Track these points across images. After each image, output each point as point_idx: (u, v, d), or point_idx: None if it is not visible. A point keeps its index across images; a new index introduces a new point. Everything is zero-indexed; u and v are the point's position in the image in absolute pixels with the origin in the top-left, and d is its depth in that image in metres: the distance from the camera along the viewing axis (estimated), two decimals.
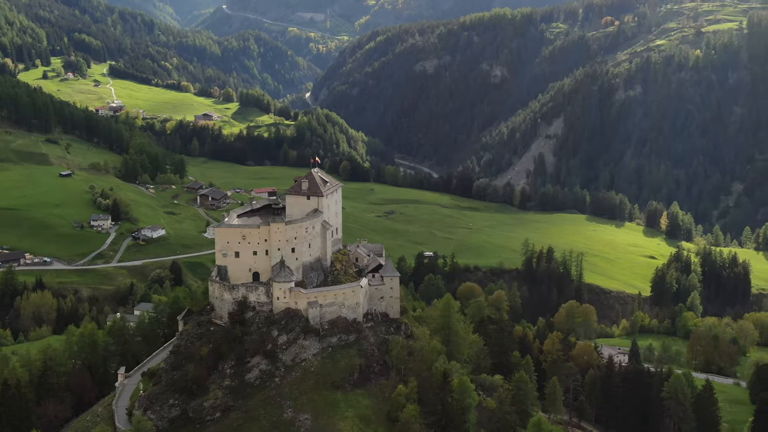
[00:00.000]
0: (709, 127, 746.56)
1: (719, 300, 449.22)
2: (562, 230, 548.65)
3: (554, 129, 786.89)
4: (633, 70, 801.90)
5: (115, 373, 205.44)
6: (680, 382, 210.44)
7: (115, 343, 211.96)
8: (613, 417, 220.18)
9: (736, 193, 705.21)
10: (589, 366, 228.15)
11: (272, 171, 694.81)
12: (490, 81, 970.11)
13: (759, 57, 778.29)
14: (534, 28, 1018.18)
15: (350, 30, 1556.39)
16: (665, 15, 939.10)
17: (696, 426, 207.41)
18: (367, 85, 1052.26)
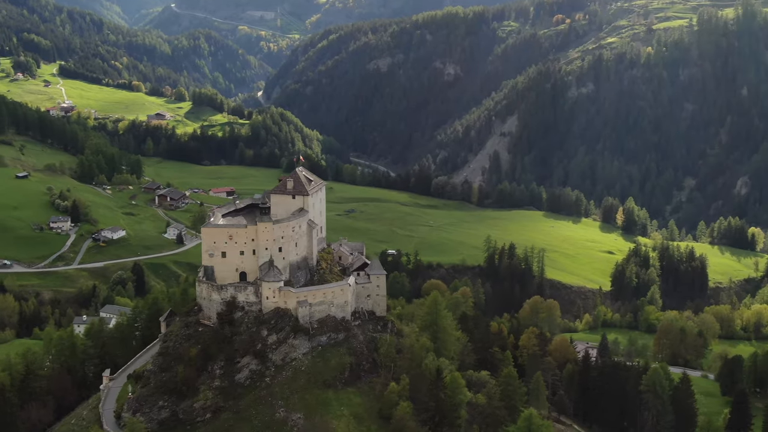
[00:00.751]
0: (660, 124, 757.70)
1: (677, 294, 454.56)
2: (521, 227, 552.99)
3: (508, 127, 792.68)
4: (585, 67, 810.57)
5: (94, 376, 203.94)
6: (658, 375, 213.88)
7: (94, 346, 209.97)
8: (591, 411, 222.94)
9: (689, 188, 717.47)
10: (566, 361, 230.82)
11: (228, 170, 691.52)
12: (443, 79, 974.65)
13: (709, 54, 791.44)
14: (486, 26, 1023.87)
15: (301, 28, 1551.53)
16: (616, 13, 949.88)
17: (674, 418, 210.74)
18: (320, 83, 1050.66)
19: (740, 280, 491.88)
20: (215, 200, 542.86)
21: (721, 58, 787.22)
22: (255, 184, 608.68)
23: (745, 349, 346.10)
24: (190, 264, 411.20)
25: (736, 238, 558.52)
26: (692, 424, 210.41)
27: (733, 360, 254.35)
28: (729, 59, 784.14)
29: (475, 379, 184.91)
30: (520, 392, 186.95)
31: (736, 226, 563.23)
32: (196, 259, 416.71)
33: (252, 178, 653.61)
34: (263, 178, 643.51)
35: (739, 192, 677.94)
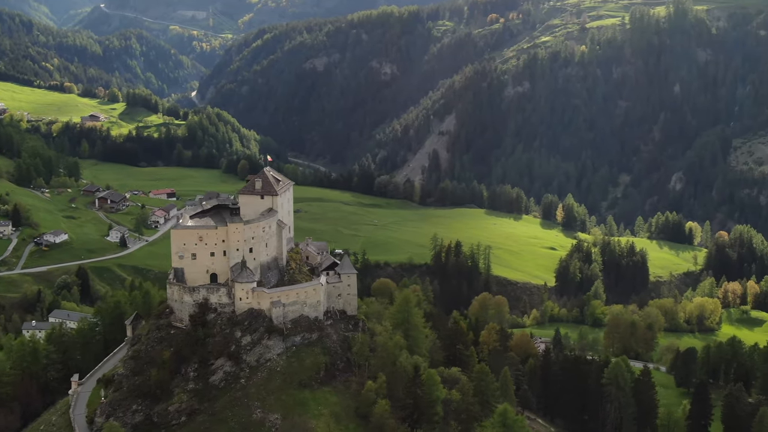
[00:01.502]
0: (595, 121, 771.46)
1: (619, 288, 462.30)
2: (464, 224, 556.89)
3: (447, 125, 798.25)
4: (520, 66, 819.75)
5: (57, 381, 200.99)
6: (620, 368, 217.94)
7: (56, 351, 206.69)
8: (553, 405, 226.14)
9: (624, 184, 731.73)
10: (527, 356, 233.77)
11: (167, 172, 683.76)
12: (380, 78, 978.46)
13: (641, 51, 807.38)
14: (421, 25, 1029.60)
15: (234, 28, 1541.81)
16: (549, 12, 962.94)
17: (636, 410, 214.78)
18: (256, 83, 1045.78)
19: (680, 273, 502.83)
20: (156, 202, 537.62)
21: (653, 56, 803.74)
22: (195, 185, 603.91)
23: (689, 341, 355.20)
24: (134, 267, 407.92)
25: (674, 232, 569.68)
26: (653, 416, 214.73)
27: (687, 352, 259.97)
28: (661, 57, 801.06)
29: (447, 376, 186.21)
30: (492, 388, 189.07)
31: (673, 220, 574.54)
32: (141, 262, 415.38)
33: (191, 179, 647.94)
34: (203, 179, 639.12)
35: (673, 187, 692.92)
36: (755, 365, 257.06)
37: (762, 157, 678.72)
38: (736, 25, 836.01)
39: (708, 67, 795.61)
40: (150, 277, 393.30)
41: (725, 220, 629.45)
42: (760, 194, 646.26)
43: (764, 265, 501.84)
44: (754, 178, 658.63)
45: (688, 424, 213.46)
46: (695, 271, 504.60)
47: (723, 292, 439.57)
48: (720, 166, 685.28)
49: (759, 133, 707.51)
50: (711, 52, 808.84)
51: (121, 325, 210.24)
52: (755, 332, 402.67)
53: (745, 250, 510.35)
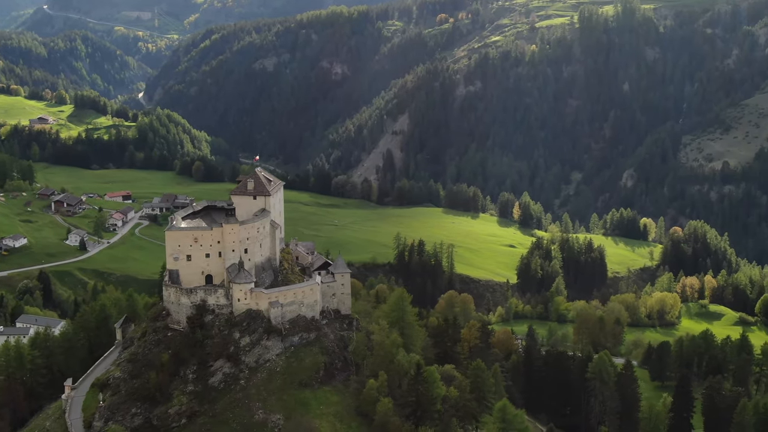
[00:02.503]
0: (547, 120, 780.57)
1: (578, 285, 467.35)
2: (423, 223, 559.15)
3: (400, 125, 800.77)
4: (472, 66, 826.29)
5: (43, 386, 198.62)
6: (604, 362, 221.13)
7: (41, 356, 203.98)
8: (536, 400, 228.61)
9: (576, 181, 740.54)
10: (509, 352, 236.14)
11: (119, 174, 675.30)
12: (331, 78, 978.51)
13: (591, 50, 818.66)
14: (371, 25, 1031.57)
15: (179, 28, 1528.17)
16: (498, 11, 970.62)
17: (619, 404, 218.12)
18: (205, 83, 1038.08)
19: (637, 269, 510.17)
20: (112, 205, 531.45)
21: (602, 55, 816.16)
22: (150, 187, 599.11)
23: (651, 335, 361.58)
24: (95, 271, 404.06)
25: (629, 228, 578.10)
26: (636, 409, 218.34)
27: (662, 346, 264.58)
28: (610, 55, 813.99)
29: (441, 373, 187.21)
30: (488, 384, 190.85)
31: (628, 217, 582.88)
32: (102, 266, 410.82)
33: (145, 181, 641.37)
34: (157, 182, 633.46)
35: (625, 184, 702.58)
36: (727, 357, 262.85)
37: (711, 153, 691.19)
38: (682, 24, 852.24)
39: (656, 65, 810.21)
40: (112, 280, 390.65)
41: (677, 216, 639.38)
42: (710, 190, 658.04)
43: (718, 259, 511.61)
44: (705, 175, 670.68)
45: (671, 417, 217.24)
46: (651, 266, 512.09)
47: (681, 286, 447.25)
48: (670, 163, 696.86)
49: (708, 129, 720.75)
50: (659, 51, 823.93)
51: (107, 328, 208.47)
52: (714, 326, 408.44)
53: (700, 245, 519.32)
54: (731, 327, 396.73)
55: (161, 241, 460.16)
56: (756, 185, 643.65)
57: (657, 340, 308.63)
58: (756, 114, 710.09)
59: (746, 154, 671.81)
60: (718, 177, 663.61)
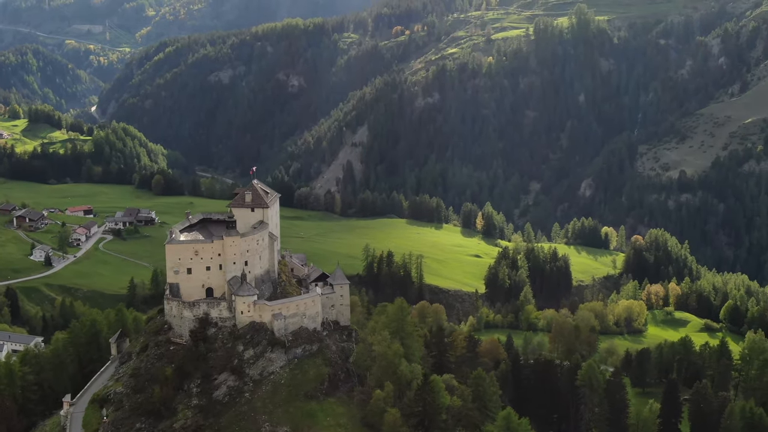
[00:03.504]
0: (505, 131, 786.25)
1: (544, 293, 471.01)
2: (388, 234, 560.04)
3: (359, 137, 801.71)
4: (430, 78, 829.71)
5: (34, 403, 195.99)
6: (593, 370, 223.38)
7: (32, 372, 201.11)
8: (524, 407, 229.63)
9: (534, 192, 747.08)
10: (496, 361, 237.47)
11: (77, 189, 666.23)
12: (287, 90, 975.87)
13: (546, 62, 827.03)
14: (327, 38, 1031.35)
15: (131, 41, 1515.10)
16: (453, 24, 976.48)
17: (608, 411, 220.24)
18: (160, 96, 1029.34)
19: (600, 277, 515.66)
20: (73, 219, 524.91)
21: (558, 66, 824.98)
22: (109, 201, 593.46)
23: (620, 342, 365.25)
24: (62, 286, 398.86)
25: (590, 237, 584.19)
26: (624, 416, 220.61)
27: (642, 353, 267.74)
28: (566, 67, 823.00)
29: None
30: (490, 393, 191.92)
31: (589, 226, 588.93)
32: (68, 281, 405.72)
33: (104, 195, 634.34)
34: (116, 195, 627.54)
35: (583, 194, 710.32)
36: (705, 363, 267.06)
37: (668, 162, 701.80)
38: (636, 35, 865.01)
39: (611, 76, 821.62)
40: (79, 296, 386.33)
41: (635, 224, 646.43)
42: (668, 199, 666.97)
43: (680, 267, 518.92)
44: (662, 183, 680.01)
45: (660, 423, 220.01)
46: (615, 274, 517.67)
47: (646, 294, 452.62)
48: (628, 172, 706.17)
49: (663, 139, 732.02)
50: (613, 62, 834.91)
51: (97, 344, 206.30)
52: (680, 332, 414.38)
53: (661, 253, 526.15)
54: (697, 334, 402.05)
55: (126, 256, 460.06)
56: (712, 194, 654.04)
57: (627, 347, 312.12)
58: (711, 123, 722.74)
59: (702, 163, 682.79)
60: (675, 186, 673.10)
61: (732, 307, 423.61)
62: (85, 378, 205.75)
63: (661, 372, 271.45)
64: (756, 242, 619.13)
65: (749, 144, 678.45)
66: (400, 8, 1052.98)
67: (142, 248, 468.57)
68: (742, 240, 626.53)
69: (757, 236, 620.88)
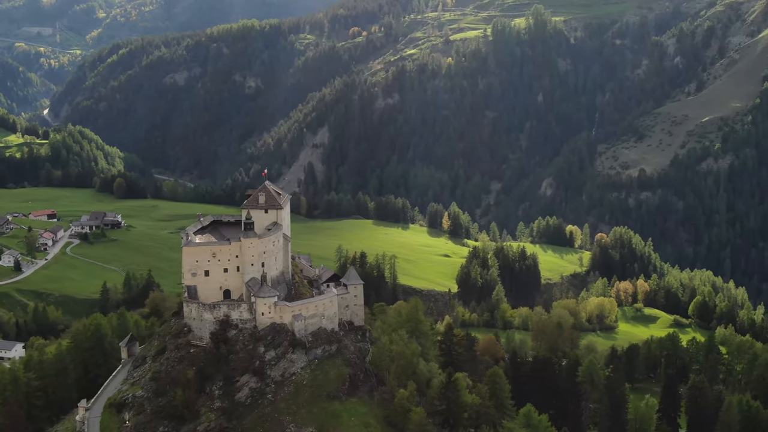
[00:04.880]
0: (465, 131, 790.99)
1: (513, 292, 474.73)
2: (357, 235, 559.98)
3: (320, 138, 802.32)
4: (390, 78, 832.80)
5: (38, 409, 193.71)
6: (594, 366, 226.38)
7: (37, 378, 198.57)
8: (523, 404, 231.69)
9: (495, 191, 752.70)
10: (495, 359, 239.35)
11: (37, 193, 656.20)
12: (244, 92, 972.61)
13: (505, 63, 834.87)
14: (283, 39, 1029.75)
15: (82, 44, 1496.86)
16: (410, 25, 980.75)
17: (609, 406, 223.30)
18: (114, 99, 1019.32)
19: (568, 275, 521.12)
20: (39, 224, 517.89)
21: (516, 67, 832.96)
22: (71, 205, 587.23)
23: (595, 339, 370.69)
24: (33, 291, 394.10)
25: (555, 236, 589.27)
26: (624, 411, 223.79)
27: (631, 349, 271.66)
28: (524, 67, 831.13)
29: None
30: (506, 390, 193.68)
31: (554, 225, 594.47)
32: (39, 286, 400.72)
33: (66, 199, 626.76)
34: (77, 199, 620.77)
35: (544, 193, 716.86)
36: (692, 358, 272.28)
37: (627, 161, 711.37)
38: (592, 35, 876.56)
39: (568, 76, 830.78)
40: (51, 301, 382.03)
41: (596, 223, 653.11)
42: (628, 197, 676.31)
43: (644, 264, 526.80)
44: (622, 182, 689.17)
45: (659, 417, 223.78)
46: (581, 272, 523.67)
47: (615, 291, 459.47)
48: (587, 171, 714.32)
49: (622, 138, 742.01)
50: (570, 62, 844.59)
51: (102, 348, 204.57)
52: (651, 328, 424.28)
53: (627, 250, 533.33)
54: (667, 329, 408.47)
55: (94, 260, 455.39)
56: (672, 191, 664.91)
57: (613, 344, 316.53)
58: (668, 122, 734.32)
59: (661, 161, 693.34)
60: (635, 184, 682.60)
61: (700, 303, 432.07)
62: (90, 383, 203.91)
63: (649, 367, 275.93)
64: (715, 239, 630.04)
65: (707, 142, 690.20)
66: (357, 9, 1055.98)
67: (109, 252, 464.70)
68: (702, 237, 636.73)
69: (716, 233, 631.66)
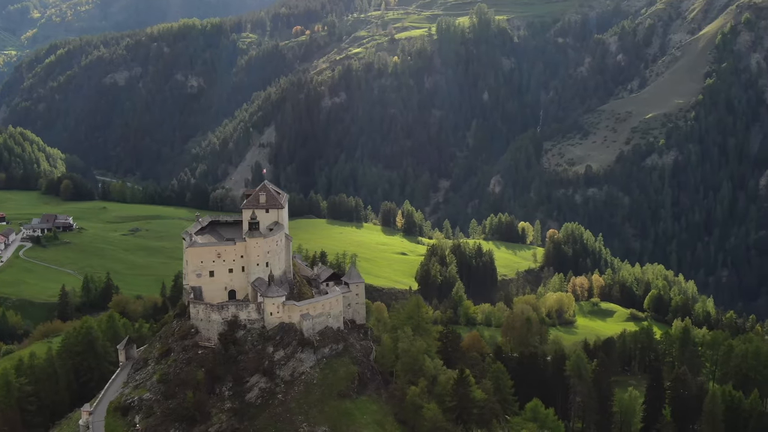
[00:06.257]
0: (412, 130, 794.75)
1: (471, 289, 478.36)
2: (312, 234, 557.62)
3: (267, 137, 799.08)
4: (336, 77, 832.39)
5: (31, 414, 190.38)
6: (582, 360, 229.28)
7: (29, 383, 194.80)
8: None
9: (444, 189, 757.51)
10: (482, 355, 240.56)
11: None
12: (186, 92, 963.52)
13: (450, 61, 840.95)
14: (225, 38, 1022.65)
15: (17, 44, 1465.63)
16: (353, 24, 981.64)
17: (597, 398, 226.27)
18: (54, 100, 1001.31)
19: (522, 271, 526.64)
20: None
21: (462, 65, 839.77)
22: (18, 208, 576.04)
23: (558, 333, 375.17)
24: None
25: (507, 233, 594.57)
26: (610, 404, 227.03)
27: (607, 342, 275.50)
28: (469, 66, 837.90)
29: None
30: (509, 386, 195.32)
31: (506, 221, 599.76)
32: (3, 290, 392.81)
33: (11, 201, 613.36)
34: (23, 202, 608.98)
35: (493, 190, 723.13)
36: (666, 351, 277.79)
37: (573, 158, 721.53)
38: (535, 34, 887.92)
39: (513, 75, 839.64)
40: (9, 305, 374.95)
41: (545, 219, 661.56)
42: (575, 193, 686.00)
43: (596, 259, 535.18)
44: (569, 179, 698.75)
45: (644, 409, 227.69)
46: (535, 268, 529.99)
47: (571, 286, 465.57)
48: (535, 168, 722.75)
49: (567, 135, 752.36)
50: (514, 60, 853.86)
51: (94, 352, 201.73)
52: (608, 322, 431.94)
53: (579, 246, 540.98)
54: (625, 323, 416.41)
55: (49, 263, 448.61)
56: (617, 187, 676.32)
57: (566, 339, 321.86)
58: (612, 119, 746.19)
59: (607, 158, 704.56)
60: (581, 180, 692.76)
61: (656, 297, 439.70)
62: (82, 387, 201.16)
63: (624, 361, 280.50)
64: (661, 233, 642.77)
65: (651, 138, 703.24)
66: (299, 8, 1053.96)
67: (63, 255, 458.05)
68: (648, 231, 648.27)
69: (662, 227, 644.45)
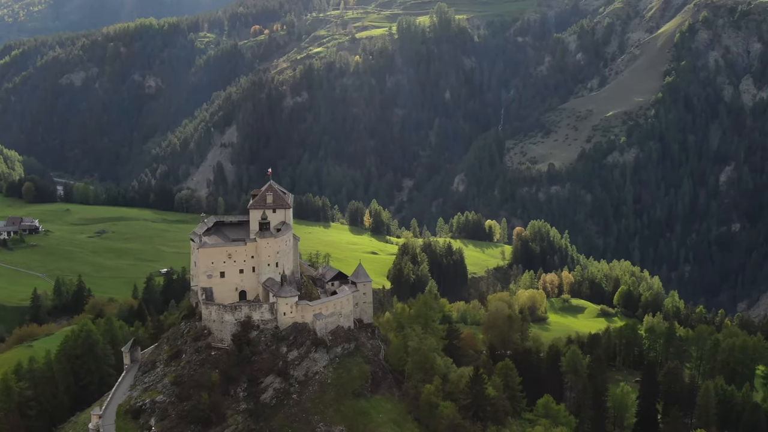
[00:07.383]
0: (375, 129, 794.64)
1: (442, 287, 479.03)
2: None
3: (228, 137, 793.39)
4: (297, 77, 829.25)
5: (31, 419, 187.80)
6: (577, 355, 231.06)
7: (29, 387, 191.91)
8: None
9: (407, 188, 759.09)
10: (477, 352, 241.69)
11: None
12: (144, 92, 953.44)
13: (412, 60, 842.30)
14: (183, 37, 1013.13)
15: None
16: (313, 23, 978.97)
17: (592, 394, 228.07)
18: (9, 101, 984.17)
19: (492, 269, 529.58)
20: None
21: (423, 64, 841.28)
22: None
23: (533, 330, 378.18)
24: None
25: (474, 231, 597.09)
26: (605, 399, 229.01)
27: (593, 338, 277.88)
28: (431, 65, 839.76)
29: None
30: (517, 382, 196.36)
31: (473, 220, 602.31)
32: None
33: None
34: None
35: (457, 189, 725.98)
36: (650, 346, 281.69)
37: (535, 156, 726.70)
38: (495, 33, 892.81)
39: (474, 74, 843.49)
40: None
41: (509, 217, 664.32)
42: (538, 191, 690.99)
43: (563, 256, 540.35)
44: (532, 177, 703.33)
45: (638, 404, 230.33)
46: (504, 265, 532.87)
47: (542, 283, 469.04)
48: (498, 167, 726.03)
49: (529, 134, 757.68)
50: (475, 59, 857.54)
51: (94, 356, 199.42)
52: (579, 318, 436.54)
53: (546, 243, 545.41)
54: (595, 319, 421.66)
55: (17, 267, 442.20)
56: (580, 185, 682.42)
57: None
58: (573, 117, 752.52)
59: (569, 156, 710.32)
60: (544, 178, 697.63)
61: (625, 293, 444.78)
62: (81, 390, 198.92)
63: (609, 356, 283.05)
64: (624, 230, 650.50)
65: (612, 136, 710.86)
66: (256, 7, 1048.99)
67: (31, 258, 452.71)
68: (611, 228, 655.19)
69: (624, 224, 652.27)
